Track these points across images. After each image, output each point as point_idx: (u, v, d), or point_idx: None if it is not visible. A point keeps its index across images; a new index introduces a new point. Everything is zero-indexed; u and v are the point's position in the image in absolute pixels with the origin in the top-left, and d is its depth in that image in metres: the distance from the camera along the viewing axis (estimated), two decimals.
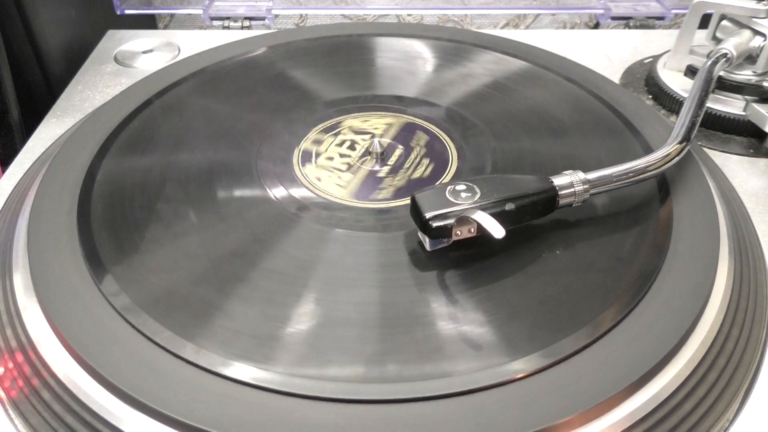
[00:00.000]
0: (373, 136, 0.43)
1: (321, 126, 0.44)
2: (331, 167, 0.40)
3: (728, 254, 0.35)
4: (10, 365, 0.31)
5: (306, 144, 0.42)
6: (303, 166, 0.40)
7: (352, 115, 0.45)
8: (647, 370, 0.28)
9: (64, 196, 0.37)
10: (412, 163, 0.41)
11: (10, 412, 0.30)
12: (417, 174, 0.40)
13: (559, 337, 0.29)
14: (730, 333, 0.32)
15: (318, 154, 0.41)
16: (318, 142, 0.42)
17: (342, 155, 0.41)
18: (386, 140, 0.42)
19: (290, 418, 0.26)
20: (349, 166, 0.40)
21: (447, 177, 0.40)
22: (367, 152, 0.41)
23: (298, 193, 0.38)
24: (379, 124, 0.44)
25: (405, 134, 0.43)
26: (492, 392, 0.27)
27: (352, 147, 0.42)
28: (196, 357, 0.28)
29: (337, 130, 0.43)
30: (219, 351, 0.29)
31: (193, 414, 0.26)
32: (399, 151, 0.42)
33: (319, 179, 0.39)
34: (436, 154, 0.41)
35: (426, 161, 0.41)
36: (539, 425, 0.26)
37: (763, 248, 0.39)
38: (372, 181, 0.39)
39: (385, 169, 0.40)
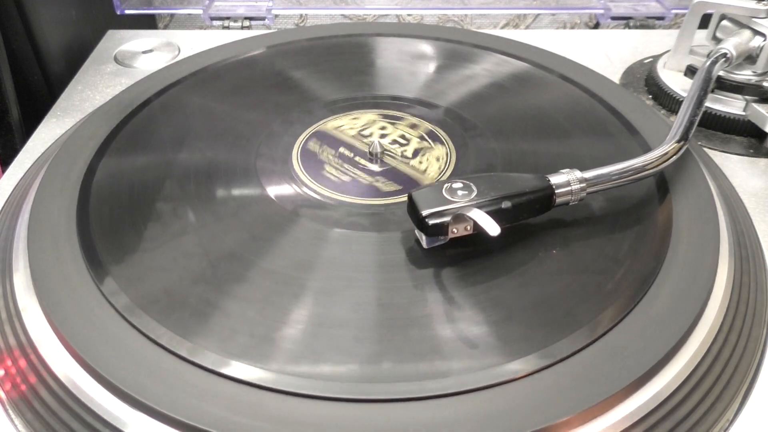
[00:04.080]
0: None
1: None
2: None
3: (728, 254, 0.35)
4: (10, 365, 0.31)
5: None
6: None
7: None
8: (647, 370, 0.28)
9: (64, 196, 0.37)
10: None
11: (10, 412, 0.30)
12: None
13: (559, 337, 0.29)
14: (730, 333, 0.32)
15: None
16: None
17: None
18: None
19: (288, 417, 0.26)
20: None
21: (446, 177, 0.40)
22: (369, 154, 0.41)
23: (296, 192, 0.38)
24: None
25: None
26: (490, 392, 0.27)
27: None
28: (194, 356, 0.28)
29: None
30: (217, 350, 0.29)
31: (191, 413, 0.26)
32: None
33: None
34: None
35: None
36: (538, 425, 0.26)
37: (763, 248, 0.39)
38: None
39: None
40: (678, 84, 0.51)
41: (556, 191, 0.34)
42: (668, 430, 0.28)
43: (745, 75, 0.48)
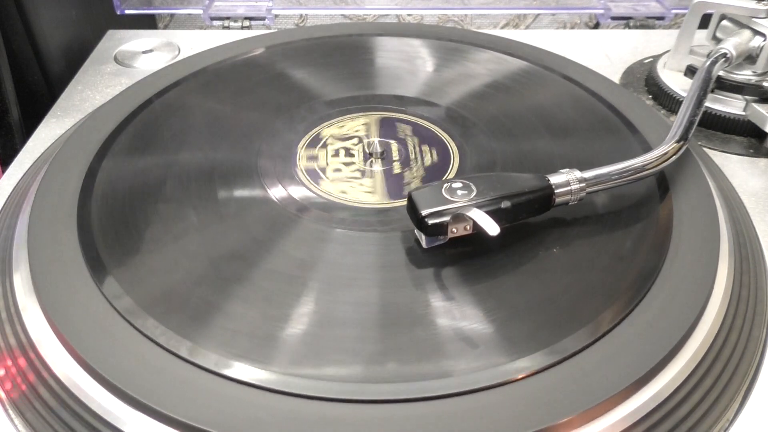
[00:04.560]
0: (360, 139, 0.43)
1: (305, 140, 0.43)
2: (346, 178, 0.40)
3: (728, 254, 0.35)
4: (10, 365, 0.31)
5: (304, 162, 0.41)
6: (307, 172, 0.40)
7: (327, 123, 0.44)
8: (647, 370, 0.28)
9: (64, 196, 0.37)
10: (416, 154, 0.41)
11: (10, 412, 0.30)
12: (427, 161, 0.40)
13: (559, 337, 0.29)
14: (730, 333, 0.32)
15: (323, 170, 0.40)
16: (314, 158, 0.41)
17: (346, 164, 0.41)
18: (383, 140, 0.42)
19: (289, 417, 0.26)
20: (362, 172, 0.40)
21: (447, 176, 0.40)
22: (369, 155, 0.41)
23: (297, 193, 0.38)
24: (358, 126, 0.44)
25: (388, 129, 0.44)
26: (492, 392, 0.27)
27: (349, 154, 0.42)
28: (195, 357, 0.28)
29: (323, 142, 0.43)
30: (218, 351, 0.29)
31: (192, 414, 0.26)
32: (395, 146, 0.42)
33: (344, 192, 0.38)
34: (434, 145, 0.42)
35: (426, 148, 0.41)
36: (539, 425, 0.26)
37: (763, 248, 0.39)
38: (394, 178, 0.39)
39: (396, 164, 0.40)
40: (678, 84, 0.51)
41: (555, 191, 0.34)
42: (668, 430, 0.28)
43: (745, 75, 0.48)
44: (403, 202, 0.37)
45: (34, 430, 0.29)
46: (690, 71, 0.51)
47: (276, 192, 0.38)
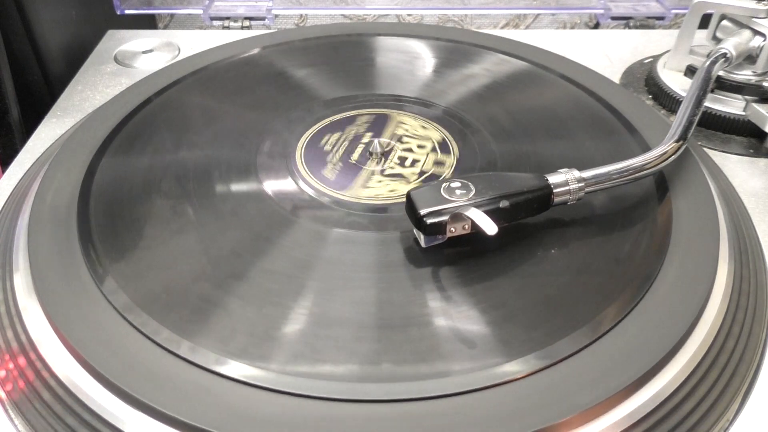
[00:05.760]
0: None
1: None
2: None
3: (728, 254, 0.35)
4: (11, 365, 0.31)
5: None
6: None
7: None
8: (647, 370, 0.28)
9: (64, 196, 0.37)
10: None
11: (11, 412, 0.30)
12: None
13: (559, 338, 0.29)
14: (730, 333, 0.32)
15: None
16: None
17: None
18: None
19: (287, 416, 0.26)
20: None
21: (445, 176, 0.40)
22: (367, 152, 0.41)
23: (296, 192, 0.38)
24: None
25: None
26: (490, 392, 0.27)
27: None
28: (194, 356, 0.28)
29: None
30: (217, 350, 0.29)
31: (190, 413, 0.26)
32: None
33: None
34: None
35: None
36: (538, 425, 0.26)
37: (763, 248, 0.39)
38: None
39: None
40: (678, 84, 0.51)
41: (554, 191, 0.34)
42: (668, 430, 0.28)
43: (745, 75, 0.48)
44: (402, 200, 0.37)
45: (34, 430, 0.29)
46: (690, 71, 0.51)
47: (274, 191, 0.38)
